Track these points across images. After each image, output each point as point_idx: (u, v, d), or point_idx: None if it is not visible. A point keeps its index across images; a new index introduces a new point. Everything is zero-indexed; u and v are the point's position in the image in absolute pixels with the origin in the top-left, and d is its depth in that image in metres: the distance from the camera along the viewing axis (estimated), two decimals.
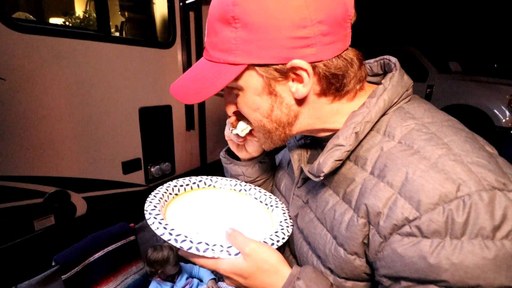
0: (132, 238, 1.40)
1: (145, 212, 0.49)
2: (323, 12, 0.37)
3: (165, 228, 0.45)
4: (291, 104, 0.44)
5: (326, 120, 0.46)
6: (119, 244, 1.34)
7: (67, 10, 1.82)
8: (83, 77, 1.38)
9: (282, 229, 0.50)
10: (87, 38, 1.37)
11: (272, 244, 0.45)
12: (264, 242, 0.45)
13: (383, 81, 0.44)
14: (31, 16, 1.49)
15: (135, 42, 1.64)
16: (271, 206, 0.61)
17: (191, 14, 1.88)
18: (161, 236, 0.44)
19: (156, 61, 1.73)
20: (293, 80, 0.42)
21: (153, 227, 0.45)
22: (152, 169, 1.78)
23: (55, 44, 1.25)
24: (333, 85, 0.42)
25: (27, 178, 1.23)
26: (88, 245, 1.23)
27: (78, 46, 1.34)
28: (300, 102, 0.44)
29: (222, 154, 0.69)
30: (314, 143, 0.56)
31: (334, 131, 0.46)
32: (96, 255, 1.25)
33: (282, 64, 0.40)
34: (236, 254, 0.43)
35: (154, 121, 1.76)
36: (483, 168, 0.33)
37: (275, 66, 0.40)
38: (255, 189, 0.66)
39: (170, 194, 0.59)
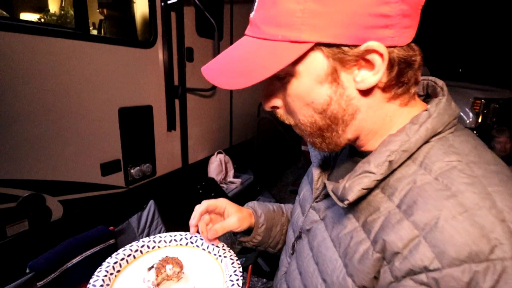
0: (111, 241, 1.35)
1: None
2: None
3: None
4: (352, 97, 0.37)
5: (379, 127, 0.41)
6: (98, 248, 1.29)
7: (43, 6, 1.74)
8: (60, 77, 1.33)
9: (233, 284, 0.51)
10: (64, 36, 1.32)
11: None
12: None
13: (428, 106, 0.39)
14: (4, 12, 1.41)
15: (115, 41, 1.60)
16: (219, 256, 0.60)
17: (173, 15, 1.87)
18: None
19: (136, 61, 1.70)
20: (359, 67, 0.36)
21: None
22: (132, 171, 1.74)
23: (30, 42, 1.20)
24: (402, 76, 0.37)
25: None
26: (65, 250, 1.19)
27: (55, 44, 1.29)
28: (363, 95, 0.38)
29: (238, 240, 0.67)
30: (340, 154, 0.53)
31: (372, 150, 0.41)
32: (74, 260, 1.20)
33: (355, 45, 0.34)
34: None
35: (134, 121, 1.73)
36: None
37: (346, 48, 0.34)
38: (201, 239, 0.65)
39: (112, 274, 0.55)
